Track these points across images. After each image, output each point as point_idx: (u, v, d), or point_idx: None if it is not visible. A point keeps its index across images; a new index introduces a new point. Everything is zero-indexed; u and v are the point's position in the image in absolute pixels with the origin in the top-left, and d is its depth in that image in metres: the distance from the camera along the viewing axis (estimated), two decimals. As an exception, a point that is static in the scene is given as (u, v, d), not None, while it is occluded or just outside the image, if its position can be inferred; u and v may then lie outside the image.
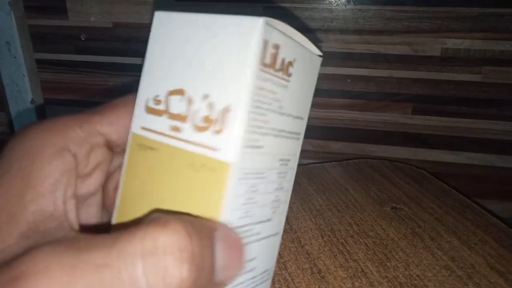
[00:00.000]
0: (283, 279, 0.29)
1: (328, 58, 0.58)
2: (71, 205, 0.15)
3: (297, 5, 0.56)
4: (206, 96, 0.14)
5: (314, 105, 0.61)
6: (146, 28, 0.52)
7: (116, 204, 0.16)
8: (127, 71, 0.64)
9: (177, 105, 0.15)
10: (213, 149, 0.14)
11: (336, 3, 0.56)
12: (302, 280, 0.29)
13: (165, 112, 0.15)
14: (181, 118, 0.15)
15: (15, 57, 0.67)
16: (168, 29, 0.15)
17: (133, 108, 0.16)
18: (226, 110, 0.14)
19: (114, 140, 0.16)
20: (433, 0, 0.53)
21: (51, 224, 0.14)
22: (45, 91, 0.69)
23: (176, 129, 0.15)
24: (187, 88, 0.15)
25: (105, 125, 0.16)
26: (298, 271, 0.30)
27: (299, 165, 0.19)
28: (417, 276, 0.29)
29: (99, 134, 0.16)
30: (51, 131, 0.15)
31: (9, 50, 0.67)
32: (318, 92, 0.64)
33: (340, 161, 0.50)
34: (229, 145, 0.14)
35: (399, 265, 0.30)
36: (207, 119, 0.14)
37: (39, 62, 0.68)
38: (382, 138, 0.61)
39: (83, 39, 0.64)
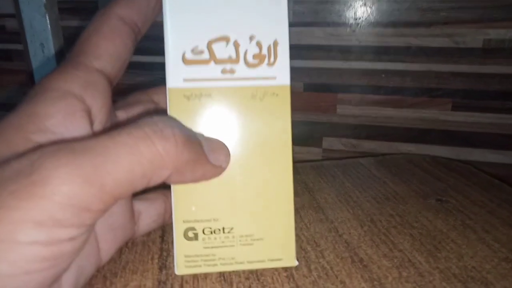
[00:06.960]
0: (320, 267, 0.26)
1: (361, 53, 0.56)
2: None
3: (329, -2, 0.55)
4: (252, 37, 0.17)
5: (346, 102, 0.59)
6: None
7: None
8: (155, 70, 0.64)
9: (223, 50, 0.17)
10: (272, 78, 0.17)
11: (369, -5, 0.54)
12: (342, 269, 0.26)
13: (211, 59, 0.17)
14: (231, 60, 0.17)
15: (48, 59, 0.68)
16: None
17: (105, 33, 0.17)
18: (275, 44, 0.17)
19: (110, 71, 0.17)
20: (474, -13, 0.50)
21: None
22: (75, 92, 0.70)
23: (227, 71, 0.17)
24: (231, 34, 0.17)
25: (94, 60, 0.16)
26: (338, 260, 0.27)
27: (332, 159, 0.23)
28: (473, 267, 0.26)
29: (93, 69, 0.16)
30: (54, 78, 0.15)
31: (42, 52, 0.68)
32: (350, 88, 0.61)
33: (376, 156, 0.47)
34: (283, 71, 0.17)
35: (451, 256, 0.27)
36: (257, 56, 0.17)
37: (70, 63, 0.69)
38: (419, 137, 0.58)
39: (113, 40, 0.65)
